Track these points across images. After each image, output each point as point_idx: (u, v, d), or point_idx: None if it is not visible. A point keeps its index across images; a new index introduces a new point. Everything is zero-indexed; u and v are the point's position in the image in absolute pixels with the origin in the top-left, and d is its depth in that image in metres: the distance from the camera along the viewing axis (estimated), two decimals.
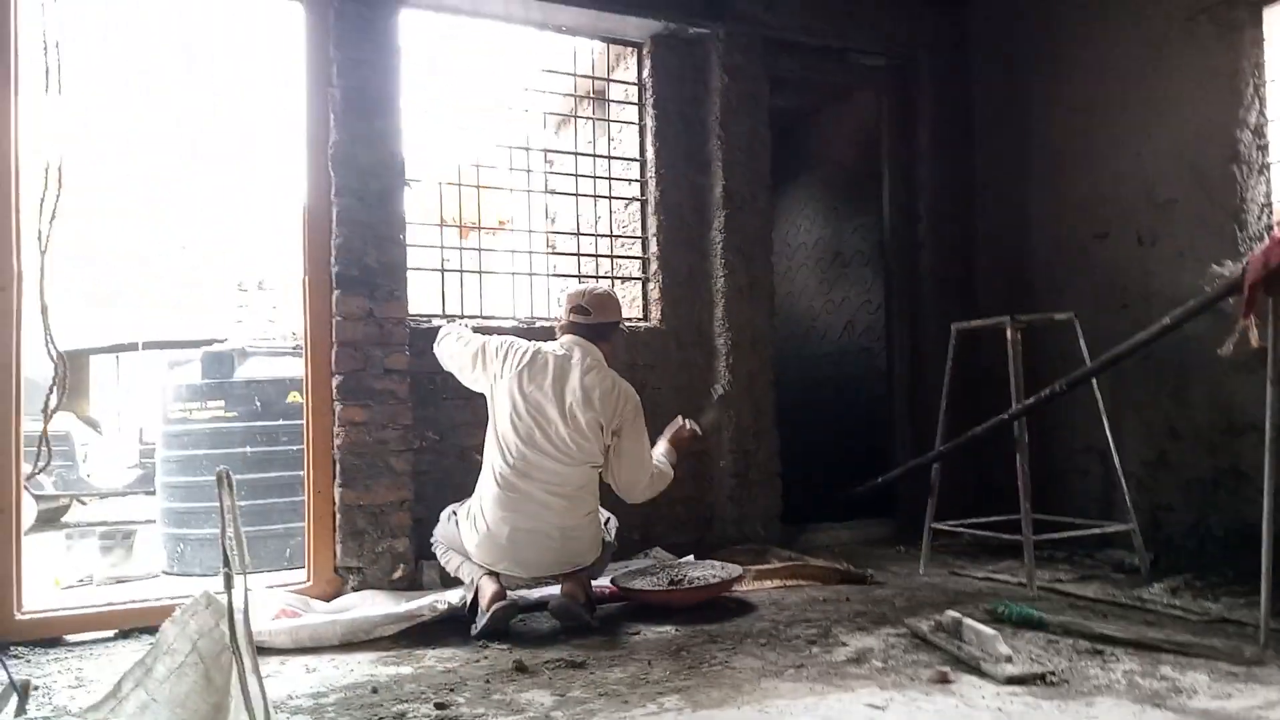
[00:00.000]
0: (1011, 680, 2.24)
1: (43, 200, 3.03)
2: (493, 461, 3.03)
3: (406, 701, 2.24)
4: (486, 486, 3.03)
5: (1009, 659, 2.33)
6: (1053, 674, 2.27)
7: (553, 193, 4.23)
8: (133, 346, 7.77)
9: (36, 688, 2.42)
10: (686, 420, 3.42)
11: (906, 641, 2.68)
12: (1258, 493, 2.72)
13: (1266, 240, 2.59)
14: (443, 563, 3.21)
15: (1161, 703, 2.08)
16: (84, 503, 7.27)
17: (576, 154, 4.31)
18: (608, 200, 4.39)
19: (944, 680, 2.28)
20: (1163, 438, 3.79)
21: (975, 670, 2.35)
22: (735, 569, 3.36)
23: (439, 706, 2.19)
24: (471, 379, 3.18)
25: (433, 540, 3.27)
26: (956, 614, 2.63)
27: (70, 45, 3.12)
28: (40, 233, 3.01)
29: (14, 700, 2.07)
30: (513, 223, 4.95)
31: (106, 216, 9.73)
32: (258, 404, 4.23)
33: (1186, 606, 2.97)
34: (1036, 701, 2.11)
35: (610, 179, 4.38)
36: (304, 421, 3.42)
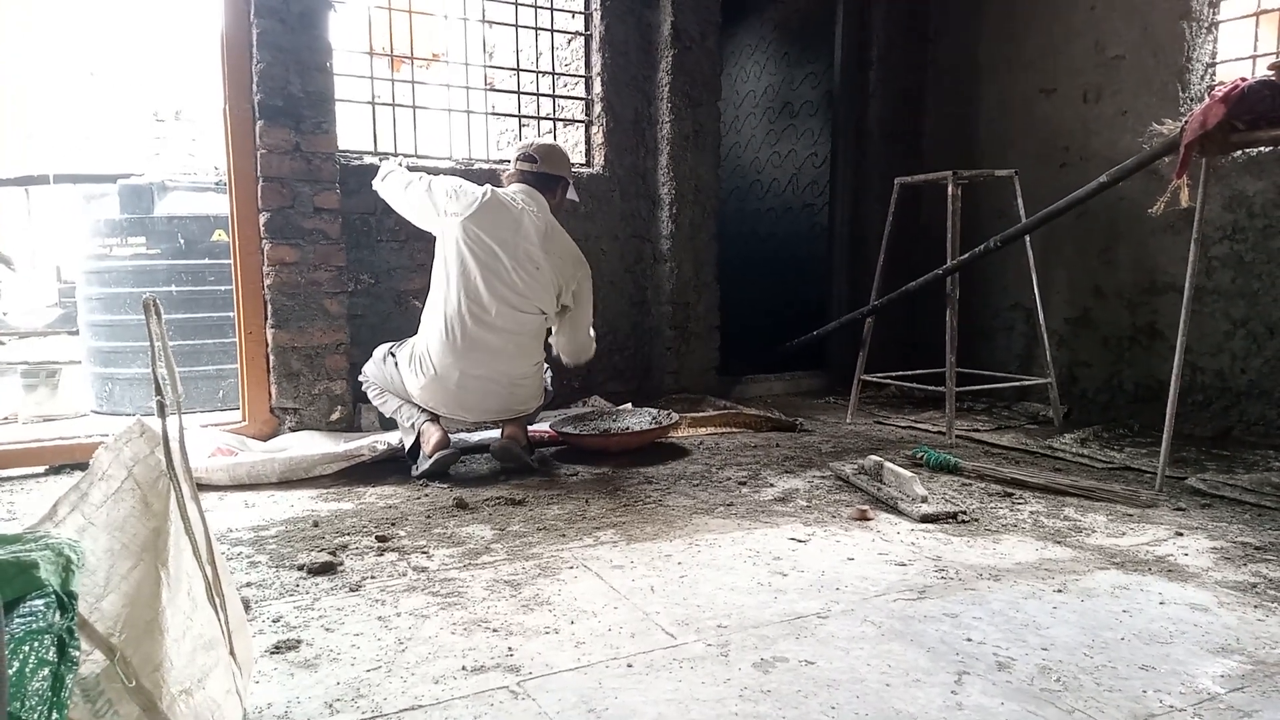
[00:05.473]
0: (926, 518, 2.39)
1: None
2: (444, 305, 2.94)
3: (348, 535, 2.29)
4: (433, 330, 2.96)
5: (924, 499, 2.47)
6: (964, 513, 2.42)
7: (490, 23, 3.99)
8: (43, 180, 7.31)
9: None
10: None
11: (830, 483, 2.82)
12: (1170, 350, 2.86)
13: (1206, 100, 2.60)
14: (376, 404, 3.20)
15: (1062, 540, 2.24)
16: (2, 343, 7.02)
17: None
18: (550, 34, 4.17)
19: (863, 518, 2.42)
20: (1087, 296, 3.92)
21: (893, 509, 2.49)
22: (671, 416, 3.45)
23: (380, 539, 2.24)
24: (419, 217, 3.07)
25: (362, 379, 3.23)
26: (878, 458, 2.75)
27: None
28: None
29: None
30: (448, 56, 4.68)
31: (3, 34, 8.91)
32: (181, 242, 4.05)
33: (1093, 455, 3.16)
34: (948, 537, 2.26)
35: (552, 10, 4.15)
36: (232, 260, 3.31)
